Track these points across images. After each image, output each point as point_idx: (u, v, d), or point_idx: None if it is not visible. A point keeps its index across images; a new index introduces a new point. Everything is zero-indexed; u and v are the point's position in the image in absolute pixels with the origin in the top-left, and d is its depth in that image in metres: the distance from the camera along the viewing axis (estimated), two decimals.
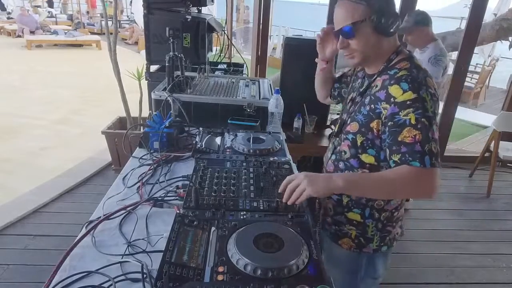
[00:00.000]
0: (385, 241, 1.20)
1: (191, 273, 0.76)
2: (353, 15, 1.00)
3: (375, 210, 1.15)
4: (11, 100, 5.62)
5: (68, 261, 0.90)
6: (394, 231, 1.20)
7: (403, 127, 0.95)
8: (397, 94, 0.98)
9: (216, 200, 1.05)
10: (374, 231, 1.17)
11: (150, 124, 1.52)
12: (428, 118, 0.94)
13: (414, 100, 0.95)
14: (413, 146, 0.94)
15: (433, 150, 0.94)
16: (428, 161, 0.93)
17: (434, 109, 0.96)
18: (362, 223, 1.16)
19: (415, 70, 1.01)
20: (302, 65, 2.52)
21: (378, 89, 1.05)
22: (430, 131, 0.94)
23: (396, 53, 1.07)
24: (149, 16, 2.50)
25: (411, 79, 0.98)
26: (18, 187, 3.05)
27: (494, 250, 2.65)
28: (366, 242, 1.18)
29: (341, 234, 1.21)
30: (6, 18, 13.59)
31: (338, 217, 1.20)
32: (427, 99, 0.95)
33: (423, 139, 0.93)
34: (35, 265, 2.19)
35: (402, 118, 0.96)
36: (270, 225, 0.93)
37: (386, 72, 1.05)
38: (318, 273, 0.79)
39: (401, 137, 0.96)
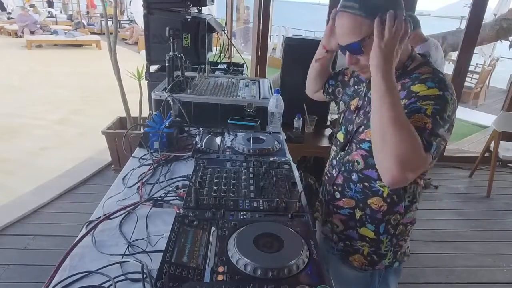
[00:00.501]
0: (397, 257, 1.13)
1: (191, 273, 0.76)
2: (360, 30, 0.90)
3: (391, 225, 1.07)
4: (11, 100, 5.62)
5: (68, 261, 0.90)
6: (405, 245, 1.15)
7: (416, 112, 0.87)
8: (420, 89, 0.91)
9: (216, 200, 1.05)
10: (388, 246, 1.10)
11: (150, 124, 1.52)
12: (443, 118, 0.87)
13: (437, 96, 0.88)
14: (422, 131, 0.85)
15: (437, 143, 0.86)
16: (433, 148, 0.86)
17: (450, 114, 0.89)
18: (376, 240, 1.08)
19: (440, 74, 0.95)
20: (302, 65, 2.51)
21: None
22: (441, 129, 0.87)
23: (412, 58, 1.00)
24: (149, 16, 2.50)
25: (438, 79, 0.92)
26: (18, 187, 3.05)
27: (494, 250, 2.65)
28: (379, 259, 1.11)
29: (352, 250, 1.13)
30: (6, 18, 13.59)
31: (349, 232, 1.12)
32: (450, 102, 0.89)
33: (432, 129, 0.86)
34: (35, 265, 2.19)
35: (418, 105, 0.88)
36: (270, 225, 0.93)
37: (405, 77, 0.98)
38: (318, 273, 0.79)
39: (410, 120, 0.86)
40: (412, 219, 1.10)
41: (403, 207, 1.05)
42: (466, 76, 4.28)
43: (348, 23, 0.92)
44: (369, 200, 1.06)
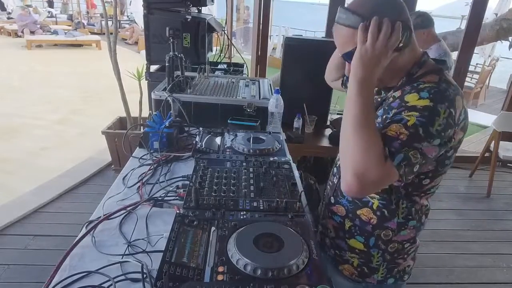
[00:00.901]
0: (393, 273, 1.07)
1: (191, 273, 0.76)
2: (353, 40, 0.87)
3: (381, 241, 1.01)
4: (11, 100, 5.62)
5: (68, 261, 0.90)
6: (404, 264, 1.07)
7: (396, 122, 0.83)
8: (411, 99, 0.85)
9: (216, 200, 1.05)
10: (380, 261, 1.04)
11: (150, 124, 1.52)
12: (427, 132, 0.80)
13: (426, 107, 0.81)
14: (392, 141, 0.81)
15: (409, 156, 0.80)
16: (398, 159, 0.79)
17: (442, 130, 0.81)
18: (366, 252, 1.04)
19: (445, 84, 0.86)
20: (302, 65, 2.52)
21: (394, 100, 0.92)
22: (421, 143, 0.80)
23: (418, 65, 0.93)
24: (149, 16, 2.50)
25: (436, 91, 0.84)
26: (18, 187, 3.05)
27: (494, 250, 2.65)
28: (370, 272, 1.06)
29: (341, 260, 1.10)
30: (6, 18, 13.59)
31: (339, 242, 1.09)
32: (441, 115, 0.80)
33: (406, 141, 0.80)
34: (35, 265, 2.19)
35: (401, 116, 0.83)
36: (270, 225, 0.93)
37: (410, 85, 0.91)
38: (318, 273, 0.79)
39: (386, 129, 0.83)
40: (409, 237, 1.03)
41: (395, 224, 0.99)
42: (466, 76, 4.28)
43: (341, 34, 0.91)
44: (358, 210, 1.02)
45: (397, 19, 0.85)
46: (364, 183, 0.80)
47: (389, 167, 0.80)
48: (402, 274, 1.09)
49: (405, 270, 1.09)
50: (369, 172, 0.80)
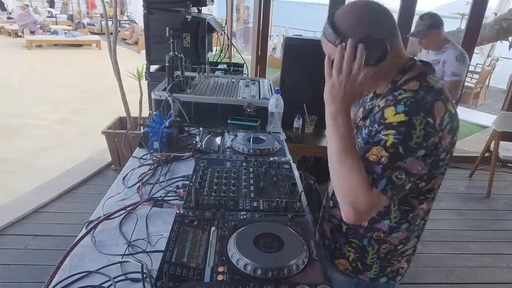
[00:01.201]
0: (386, 272, 1.08)
1: (191, 273, 0.76)
2: (332, 52, 0.91)
3: (374, 241, 1.04)
4: (11, 100, 5.62)
5: (68, 261, 0.90)
6: (398, 265, 1.08)
7: (376, 144, 0.85)
8: (388, 115, 0.86)
9: (216, 200, 1.05)
10: (375, 258, 1.06)
11: (150, 124, 1.52)
12: (406, 147, 0.82)
13: (401, 123, 0.83)
14: (373, 166, 0.84)
15: (393, 178, 0.82)
16: (381, 185, 0.82)
17: (422, 141, 0.82)
18: (362, 247, 1.06)
19: (422, 92, 0.87)
20: (302, 65, 2.52)
21: (378, 110, 0.93)
22: (403, 161, 0.82)
23: (402, 71, 0.94)
24: (149, 16, 2.50)
25: (412, 102, 0.85)
26: (18, 187, 3.05)
27: (494, 250, 2.65)
28: (363, 268, 1.08)
29: (339, 254, 1.12)
30: (6, 18, 13.59)
31: (338, 237, 1.12)
32: (417, 128, 0.82)
33: (388, 163, 0.82)
34: (35, 265, 2.19)
35: (380, 137, 0.85)
36: (270, 225, 0.93)
37: (392, 94, 0.92)
38: (318, 273, 0.79)
39: (367, 153, 0.86)
40: (402, 239, 1.04)
41: (386, 226, 1.01)
42: (466, 76, 4.28)
43: (325, 46, 0.94)
44: None
45: (376, 35, 0.87)
46: (358, 212, 0.84)
47: (376, 194, 0.83)
48: (395, 274, 1.10)
49: (398, 271, 1.10)
50: (359, 202, 0.83)
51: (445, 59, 2.49)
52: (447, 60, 2.48)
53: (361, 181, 0.83)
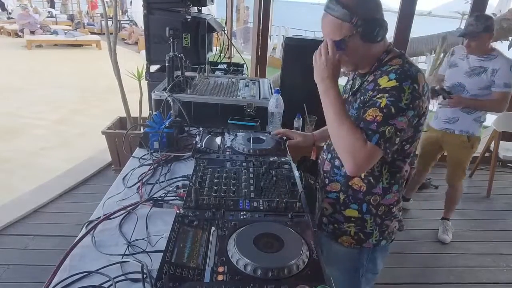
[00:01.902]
0: (384, 235, 1.21)
1: (191, 273, 0.76)
2: (340, 31, 1.03)
3: (371, 205, 1.17)
4: (11, 100, 5.62)
5: (68, 261, 0.90)
6: (392, 225, 1.22)
7: (371, 106, 1.01)
8: (382, 82, 1.02)
9: (216, 200, 1.05)
10: (373, 225, 1.19)
11: (150, 124, 1.52)
12: (397, 107, 0.97)
13: (393, 87, 0.99)
14: (369, 124, 0.99)
15: (385, 133, 0.97)
16: (375, 139, 0.97)
17: (410, 102, 0.98)
18: (361, 218, 1.18)
19: (407, 65, 1.04)
20: (302, 65, 2.51)
21: (369, 83, 1.08)
22: (394, 119, 0.97)
23: (386, 52, 1.10)
24: (149, 16, 2.50)
25: (400, 71, 1.01)
26: (18, 187, 3.05)
27: (494, 250, 2.65)
28: (365, 237, 1.20)
29: (340, 232, 1.22)
30: (6, 18, 13.60)
31: (336, 215, 1.22)
32: (406, 92, 0.98)
33: (382, 121, 0.97)
34: (35, 265, 2.19)
35: (374, 100, 1.01)
36: (270, 225, 0.93)
37: (379, 69, 1.08)
38: (318, 273, 0.79)
39: (365, 114, 1.01)
40: (394, 200, 1.18)
41: (380, 189, 1.15)
42: None
43: (329, 23, 1.05)
44: (350, 181, 1.17)
45: (377, 15, 1.03)
46: (358, 163, 1.00)
47: (370, 148, 0.98)
48: (391, 235, 1.24)
49: (393, 231, 1.24)
50: (358, 155, 0.99)
51: (496, 68, 2.25)
52: (498, 69, 2.24)
53: (357, 136, 0.99)
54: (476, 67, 2.31)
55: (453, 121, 2.46)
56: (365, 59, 1.11)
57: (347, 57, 1.09)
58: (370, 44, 1.05)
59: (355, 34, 1.02)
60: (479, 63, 2.31)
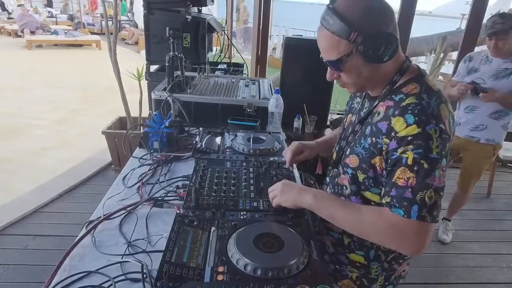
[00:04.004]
0: (390, 280, 1.08)
1: (191, 273, 0.76)
2: (338, 49, 0.85)
3: (381, 251, 1.01)
4: (11, 100, 5.62)
5: (68, 261, 0.90)
6: (400, 269, 1.08)
7: (398, 166, 0.82)
8: (399, 128, 0.82)
9: (216, 200, 1.05)
10: (379, 271, 1.05)
11: (150, 124, 1.52)
12: (430, 160, 0.79)
13: (416, 136, 0.79)
14: (403, 191, 0.80)
15: (425, 200, 0.79)
16: (415, 212, 0.79)
17: (441, 149, 0.79)
18: (366, 266, 1.04)
19: (426, 96, 0.83)
20: (302, 65, 2.52)
21: (380, 119, 0.89)
22: (430, 176, 0.79)
23: (400, 72, 0.90)
24: (149, 16, 2.50)
25: (419, 110, 0.81)
26: (18, 187, 3.05)
27: (494, 250, 2.65)
28: (369, 283, 1.06)
29: (340, 275, 1.09)
30: (7, 18, 13.59)
31: (339, 257, 1.08)
32: (434, 137, 0.79)
33: (417, 185, 0.79)
34: (35, 265, 2.19)
35: (398, 156, 0.82)
36: (270, 225, 0.93)
37: (391, 97, 0.88)
38: (318, 273, 0.79)
39: (394, 178, 0.82)
40: None
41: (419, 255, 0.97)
42: None
43: (325, 39, 0.86)
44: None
45: (385, 30, 0.83)
46: (412, 250, 0.83)
47: (415, 224, 0.79)
48: (398, 279, 1.10)
49: (401, 275, 1.10)
50: (405, 243, 0.83)
51: None
52: None
53: (390, 223, 0.82)
54: (502, 69, 2.22)
55: (481, 128, 2.34)
56: (372, 81, 0.92)
57: (348, 79, 0.91)
58: (377, 64, 0.85)
59: (355, 52, 0.83)
60: (505, 65, 2.22)
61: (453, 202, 2.74)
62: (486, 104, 2.28)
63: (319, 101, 2.60)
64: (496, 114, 2.29)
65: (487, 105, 2.28)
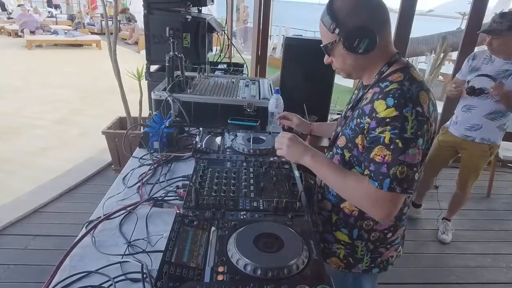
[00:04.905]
0: (376, 263, 1.14)
1: (191, 273, 0.76)
2: (326, 36, 1.00)
3: (364, 230, 1.09)
4: (11, 100, 5.62)
5: (68, 261, 0.90)
6: (387, 254, 1.14)
7: (376, 144, 0.91)
8: (380, 109, 0.91)
9: (216, 200, 1.05)
10: (364, 251, 1.11)
11: (150, 124, 1.52)
12: (404, 139, 0.87)
13: (394, 118, 0.88)
14: (380, 166, 0.90)
15: (397, 175, 0.88)
16: (387, 184, 0.88)
17: (417, 130, 0.88)
18: (351, 244, 1.11)
19: (407, 83, 0.92)
20: (302, 65, 2.52)
21: (367, 103, 0.98)
22: (404, 154, 0.88)
23: (388, 64, 1.00)
24: (149, 16, 2.50)
25: (399, 94, 0.90)
26: (18, 187, 3.05)
27: (494, 250, 2.65)
28: (355, 262, 1.13)
29: (329, 252, 1.16)
30: (7, 18, 13.59)
31: (326, 235, 1.16)
32: (410, 119, 0.87)
33: (392, 161, 0.88)
34: (35, 265, 2.19)
35: (377, 135, 0.91)
36: (270, 225, 0.93)
37: (378, 85, 0.98)
38: (318, 273, 0.79)
39: (372, 154, 0.92)
40: (390, 225, 1.10)
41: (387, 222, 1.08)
42: None
43: (320, 28, 1.01)
44: (342, 204, 1.09)
45: (366, 25, 0.93)
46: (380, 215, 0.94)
47: (386, 194, 0.90)
48: (386, 264, 1.15)
49: (388, 261, 1.16)
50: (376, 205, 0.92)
51: None
52: None
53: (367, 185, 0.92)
54: (502, 70, 2.18)
55: (476, 128, 2.33)
56: (357, 69, 1.04)
57: (336, 64, 1.05)
58: (357, 55, 0.96)
59: (338, 42, 0.96)
60: (506, 66, 2.18)
61: (453, 202, 2.74)
62: (483, 104, 2.27)
63: (319, 101, 2.60)
64: (492, 115, 2.28)
65: (484, 105, 2.27)
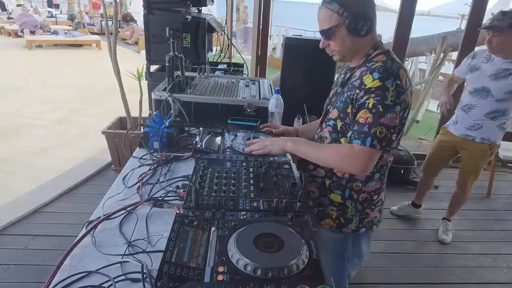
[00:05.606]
0: (364, 223, 1.29)
1: (191, 273, 0.76)
2: (329, 20, 1.12)
3: (354, 191, 1.24)
4: (11, 100, 5.62)
5: (68, 261, 0.90)
6: (372, 214, 1.30)
7: (361, 108, 1.09)
8: (367, 82, 1.09)
9: (216, 200, 1.05)
10: (353, 211, 1.26)
11: (150, 124, 1.52)
12: (384, 105, 1.05)
13: (377, 87, 1.06)
14: (362, 126, 1.08)
15: (377, 134, 1.06)
16: (369, 141, 1.06)
17: (395, 98, 1.05)
18: (343, 204, 1.26)
19: (390, 62, 1.11)
20: (302, 65, 2.53)
21: (356, 79, 1.15)
22: (384, 117, 1.06)
23: (374, 48, 1.18)
24: (149, 16, 2.50)
25: (383, 69, 1.08)
26: (18, 187, 3.05)
27: (494, 250, 2.65)
28: (345, 222, 1.28)
29: (323, 215, 1.30)
30: (6, 18, 13.59)
31: (322, 199, 1.30)
32: (390, 89, 1.05)
33: (373, 122, 1.06)
34: (36, 265, 2.19)
35: (363, 101, 1.08)
36: (270, 225, 0.93)
37: (365, 65, 1.15)
38: (318, 273, 0.79)
39: (357, 117, 1.10)
40: (376, 188, 1.26)
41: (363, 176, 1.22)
42: None
43: (321, 14, 1.14)
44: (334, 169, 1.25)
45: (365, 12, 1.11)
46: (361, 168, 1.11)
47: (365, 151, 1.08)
48: (371, 224, 1.31)
49: (373, 221, 1.31)
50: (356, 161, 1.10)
51: None
52: None
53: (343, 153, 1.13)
54: (502, 69, 2.18)
55: (476, 127, 2.33)
56: (352, 51, 1.18)
57: (334, 46, 1.17)
58: (356, 37, 1.12)
59: (342, 25, 1.11)
60: (506, 65, 2.18)
61: (453, 202, 2.74)
62: (483, 103, 2.27)
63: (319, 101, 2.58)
64: (492, 114, 2.27)
65: (483, 104, 2.27)
